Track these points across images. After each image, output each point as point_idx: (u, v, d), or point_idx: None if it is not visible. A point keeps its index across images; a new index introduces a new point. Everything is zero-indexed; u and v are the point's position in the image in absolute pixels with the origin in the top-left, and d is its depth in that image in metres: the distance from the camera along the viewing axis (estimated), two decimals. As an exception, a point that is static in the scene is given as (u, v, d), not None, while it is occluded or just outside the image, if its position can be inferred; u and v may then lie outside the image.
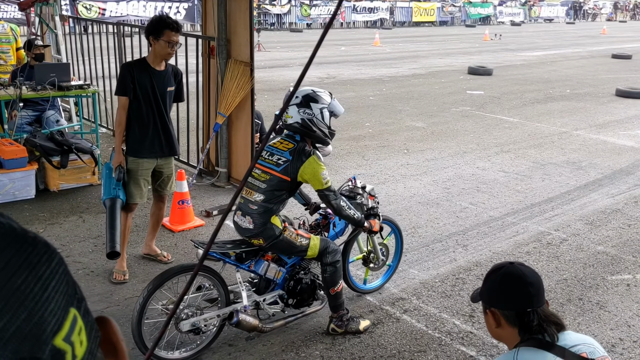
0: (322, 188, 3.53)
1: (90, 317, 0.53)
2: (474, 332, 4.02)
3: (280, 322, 3.77)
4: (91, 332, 0.52)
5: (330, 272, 3.72)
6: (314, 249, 3.67)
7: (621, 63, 20.30)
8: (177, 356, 3.54)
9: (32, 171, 6.00)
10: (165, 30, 4.26)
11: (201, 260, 1.34)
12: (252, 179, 3.59)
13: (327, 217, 4.06)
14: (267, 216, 3.52)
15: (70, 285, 0.51)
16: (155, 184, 4.68)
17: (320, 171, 3.51)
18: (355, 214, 3.71)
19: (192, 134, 7.29)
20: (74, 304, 0.51)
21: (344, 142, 8.72)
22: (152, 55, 4.39)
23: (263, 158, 3.61)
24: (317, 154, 3.56)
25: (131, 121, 4.40)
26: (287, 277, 3.79)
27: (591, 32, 35.04)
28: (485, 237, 5.59)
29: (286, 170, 3.50)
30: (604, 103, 12.73)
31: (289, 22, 30.64)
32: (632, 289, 4.69)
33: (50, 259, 0.50)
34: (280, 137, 3.69)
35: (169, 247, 5.13)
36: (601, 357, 1.95)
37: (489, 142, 9.08)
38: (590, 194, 6.88)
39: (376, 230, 3.94)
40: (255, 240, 3.58)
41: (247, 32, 6.16)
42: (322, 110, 3.63)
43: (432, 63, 18.58)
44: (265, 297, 3.73)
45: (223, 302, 3.60)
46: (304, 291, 3.82)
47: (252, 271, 3.70)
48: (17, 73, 6.97)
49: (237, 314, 3.44)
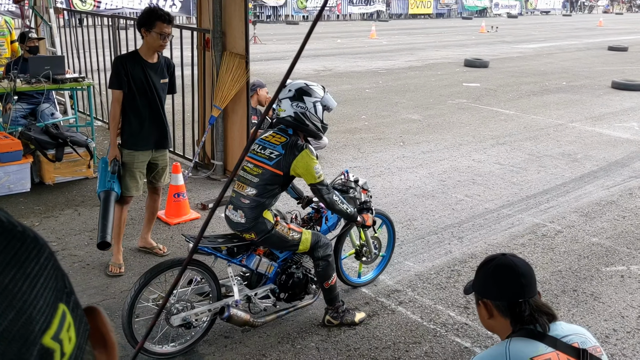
0: (315, 182, 3.52)
1: (80, 311, 0.52)
2: (469, 323, 4.04)
3: (272, 316, 3.76)
4: (80, 327, 0.51)
5: (322, 267, 3.72)
6: (305, 243, 3.67)
7: (617, 55, 20.32)
8: (168, 350, 3.54)
9: (27, 164, 5.98)
10: (157, 22, 4.23)
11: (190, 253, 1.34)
12: (244, 173, 3.58)
13: (320, 211, 4.05)
14: (259, 210, 3.51)
15: (59, 279, 0.50)
16: (150, 176, 4.68)
17: (313, 165, 3.49)
18: (348, 208, 3.70)
19: (187, 127, 7.27)
20: (63, 298, 0.49)
21: (340, 134, 8.72)
22: (145, 48, 4.37)
23: (255, 152, 3.59)
24: (310, 147, 3.54)
25: (126, 114, 4.38)
26: (279, 271, 3.78)
27: (587, 24, 35.04)
28: (481, 229, 5.61)
29: (279, 164, 3.49)
30: (599, 95, 12.75)
31: (285, 14, 30.55)
32: (626, 280, 4.72)
33: (39, 254, 0.48)
34: (272, 130, 3.68)
35: (164, 239, 5.13)
36: (592, 347, 1.96)
37: (484, 135, 9.09)
38: (586, 186, 6.90)
39: (369, 224, 3.93)
40: (247, 234, 3.57)
41: (242, 25, 6.14)
42: (315, 104, 3.62)
43: (428, 55, 18.55)
44: (257, 292, 3.72)
45: (214, 296, 3.58)
46: (295, 285, 3.81)
47: (244, 265, 3.69)
48: (11, 66, 6.93)
49: (229, 309, 3.43)
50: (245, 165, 3.60)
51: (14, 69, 6.62)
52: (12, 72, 6.54)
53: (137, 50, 4.44)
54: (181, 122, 7.22)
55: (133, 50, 4.56)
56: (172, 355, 3.55)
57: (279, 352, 3.64)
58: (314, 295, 3.97)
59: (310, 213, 4.09)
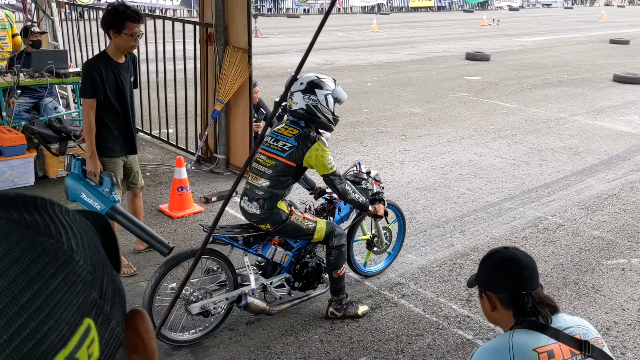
0: (328, 173, 3.59)
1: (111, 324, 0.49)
2: (471, 316, 4.07)
3: (287, 305, 3.85)
4: (108, 340, 0.48)
5: (335, 255, 3.79)
6: (320, 232, 3.73)
7: (619, 48, 20.28)
8: (186, 337, 3.61)
9: (31, 158, 6.01)
10: (127, 23, 3.98)
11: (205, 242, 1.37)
12: (258, 165, 3.64)
13: (333, 202, 4.11)
14: (274, 201, 3.57)
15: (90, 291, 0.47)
16: (128, 181, 4.51)
17: (326, 156, 3.56)
18: (360, 197, 3.77)
19: (190, 121, 7.29)
20: (91, 313, 0.46)
21: (342, 128, 8.73)
22: (114, 48, 4.12)
23: (268, 144, 3.65)
24: (322, 139, 3.61)
25: (102, 120, 4.14)
26: (293, 261, 3.86)
27: (589, 17, 34.93)
28: (483, 222, 5.63)
29: (292, 156, 3.55)
30: (601, 89, 12.74)
31: (286, 7, 30.48)
32: (627, 273, 4.75)
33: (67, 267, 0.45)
34: (284, 123, 3.73)
35: (168, 233, 5.16)
36: (594, 338, 1.99)
37: (486, 128, 9.10)
38: (587, 180, 6.92)
39: (381, 214, 4.00)
40: (262, 225, 3.65)
41: (244, 19, 6.15)
42: (327, 97, 3.67)
43: (430, 49, 18.53)
44: (272, 281, 3.80)
45: (231, 285, 3.66)
46: (309, 274, 3.90)
47: (260, 255, 3.77)
48: (14, 60, 6.95)
49: (246, 297, 3.51)
50: (258, 158, 3.67)
51: (17, 63, 6.63)
52: (15, 66, 6.55)
53: (105, 52, 4.19)
54: (184, 116, 7.24)
55: (102, 52, 4.27)
56: (191, 343, 3.61)
57: (283, 344, 3.67)
58: (327, 284, 4.03)
59: (324, 204, 4.15)
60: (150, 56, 7.45)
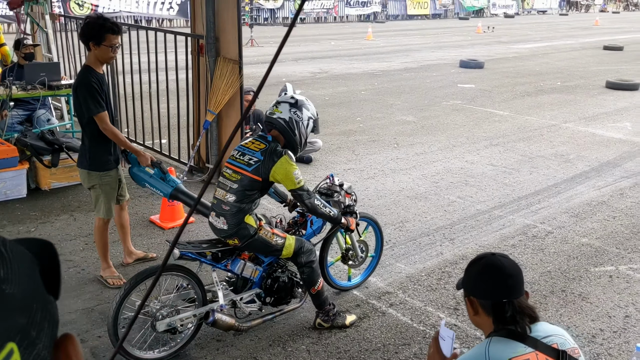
0: (295, 188, 3.56)
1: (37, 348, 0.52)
2: (458, 324, 4.10)
3: (258, 321, 3.78)
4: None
5: (307, 273, 3.77)
6: (289, 248, 3.71)
7: (612, 55, 20.39)
8: (154, 356, 3.57)
9: (23, 170, 6.04)
10: (106, 35, 4.04)
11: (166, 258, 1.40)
12: (224, 179, 3.62)
13: (305, 215, 4.08)
14: (241, 216, 3.55)
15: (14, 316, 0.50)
16: (117, 193, 4.51)
17: (293, 171, 3.52)
18: (330, 211, 3.75)
19: (182, 131, 7.33)
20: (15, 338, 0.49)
21: (335, 136, 8.78)
22: (94, 60, 4.16)
23: (234, 158, 3.64)
24: (289, 153, 3.57)
25: (100, 134, 4.17)
26: (264, 276, 3.82)
27: (584, 24, 35.12)
28: (472, 230, 5.67)
29: (257, 170, 3.52)
30: (593, 95, 12.82)
31: (282, 16, 30.60)
32: (614, 280, 4.78)
33: None
34: (252, 137, 3.74)
35: (159, 244, 5.18)
36: (571, 348, 2.02)
37: (478, 136, 9.15)
38: (577, 187, 6.96)
39: (353, 228, 3.98)
40: (230, 240, 3.61)
41: (235, 30, 6.20)
42: (309, 120, 3.72)
43: (424, 57, 18.62)
44: (242, 296, 3.76)
45: (200, 301, 3.62)
46: (281, 289, 3.84)
47: (229, 270, 3.72)
48: (6, 73, 7.00)
49: (213, 314, 3.46)
50: (224, 172, 3.66)
51: (9, 76, 6.68)
52: (7, 79, 6.60)
53: (88, 65, 4.19)
54: (176, 126, 7.28)
55: (86, 66, 4.23)
56: None
57: (270, 354, 3.70)
58: (300, 299, 4.01)
59: (296, 217, 4.14)
60: (143, 67, 7.50)
